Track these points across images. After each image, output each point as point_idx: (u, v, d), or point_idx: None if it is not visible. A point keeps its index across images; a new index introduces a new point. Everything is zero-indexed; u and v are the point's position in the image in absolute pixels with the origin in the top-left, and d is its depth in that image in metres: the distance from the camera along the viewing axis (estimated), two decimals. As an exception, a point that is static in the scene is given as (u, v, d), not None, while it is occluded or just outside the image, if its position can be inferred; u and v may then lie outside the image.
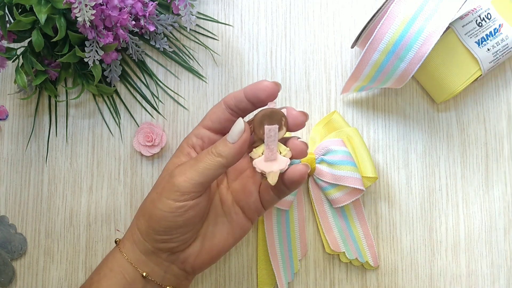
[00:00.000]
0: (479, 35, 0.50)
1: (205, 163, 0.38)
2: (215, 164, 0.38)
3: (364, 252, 0.51)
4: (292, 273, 0.52)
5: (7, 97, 0.55)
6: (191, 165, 0.38)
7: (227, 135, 0.38)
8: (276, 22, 0.55)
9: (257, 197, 0.42)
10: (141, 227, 0.41)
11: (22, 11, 0.47)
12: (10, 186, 0.54)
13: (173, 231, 0.39)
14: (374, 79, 0.48)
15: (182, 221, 0.39)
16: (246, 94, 0.39)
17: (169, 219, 0.38)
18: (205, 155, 0.38)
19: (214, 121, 0.41)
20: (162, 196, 0.39)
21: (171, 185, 0.38)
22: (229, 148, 0.38)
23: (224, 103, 0.40)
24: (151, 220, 0.39)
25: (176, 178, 0.38)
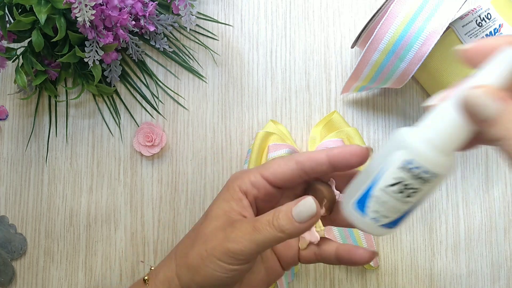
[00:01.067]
0: (479, 35, 0.50)
1: (264, 235, 0.35)
2: (274, 238, 0.35)
3: (364, 252, 0.51)
4: (292, 273, 0.52)
5: (7, 97, 0.55)
6: (249, 233, 0.36)
7: (293, 208, 0.35)
8: (276, 22, 0.55)
9: (296, 251, 0.41)
10: (184, 278, 0.38)
11: (22, 11, 0.47)
12: (10, 186, 0.54)
13: (219, 287, 0.38)
14: (374, 79, 0.48)
15: (230, 281, 0.37)
16: (331, 158, 0.36)
17: (220, 279, 0.37)
18: (265, 227, 0.35)
19: (277, 177, 0.37)
20: (213, 256, 0.36)
21: (225, 250, 0.36)
22: (294, 228, 0.35)
23: (297, 164, 0.37)
24: (197, 275, 0.37)
25: (232, 246, 0.36)
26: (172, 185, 0.53)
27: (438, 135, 0.29)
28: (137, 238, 0.53)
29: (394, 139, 0.30)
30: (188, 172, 0.53)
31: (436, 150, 0.29)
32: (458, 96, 0.28)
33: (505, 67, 0.27)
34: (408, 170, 0.30)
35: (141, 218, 0.53)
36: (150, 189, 0.53)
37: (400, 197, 0.30)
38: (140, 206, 0.53)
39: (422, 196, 0.31)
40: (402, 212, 0.31)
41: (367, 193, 0.31)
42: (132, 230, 0.53)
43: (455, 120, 0.28)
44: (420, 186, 0.30)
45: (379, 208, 0.31)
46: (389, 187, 0.30)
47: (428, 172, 0.29)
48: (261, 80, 0.54)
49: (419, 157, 0.29)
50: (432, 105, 0.29)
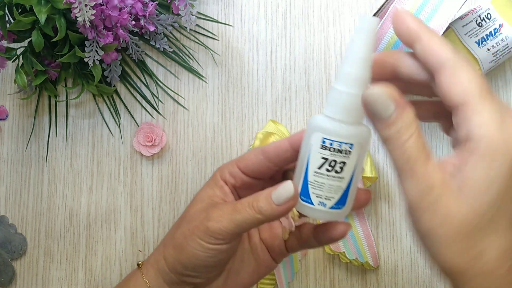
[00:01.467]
0: (479, 35, 0.50)
1: (243, 216, 0.36)
2: (253, 219, 0.36)
3: (364, 252, 0.51)
4: (292, 273, 0.52)
5: (7, 97, 0.55)
6: (228, 213, 0.37)
7: (272, 192, 0.36)
8: (276, 22, 0.55)
9: (282, 240, 0.41)
10: (169, 259, 0.40)
11: (22, 11, 0.47)
12: (10, 186, 0.54)
13: (201, 269, 0.39)
14: (374, 79, 0.48)
15: (212, 261, 0.38)
16: (292, 143, 0.37)
17: (200, 258, 0.38)
18: (245, 208, 0.37)
19: (249, 168, 0.39)
20: (194, 235, 0.38)
21: (205, 228, 0.37)
22: (272, 210, 0.36)
23: (264, 154, 0.38)
24: (181, 255, 0.38)
25: (212, 224, 0.37)
26: (172, 185, 0.53)
27: (337, 111, 0.32)
28: (137, 238, 0.53)
29: (309, 126, 0.34)
30: (188, 172, 0.53)
31: (340, 124, 0.32)
32: (340, 71, 0.32)
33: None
34: (326, 148, 0.33)
35: (141, 218, 0.53)
36: (150, 189, 0.53)
37: (332, 175, 0.33)
38: (140, 206, 0.53)
39: (352, 168, 0.34)
40: (342, 188, 0.34)
41: (305, 182, 0.34)
42: (132, 230, 0.53)
43: (347, 95, 0.32)
44: (344, 159, 0.33)
45: (319, 192, 0.34)
46: (318, 169, 0.33)
47: (341, 144, 0.33)
48: (261, 80, 0.54)
49: (329, 133, 0.33)
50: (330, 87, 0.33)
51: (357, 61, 0.32)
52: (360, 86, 0.32)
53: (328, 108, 0.33)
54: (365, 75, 0.32)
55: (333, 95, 0.33)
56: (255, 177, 0.40)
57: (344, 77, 0.32)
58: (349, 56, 0.32)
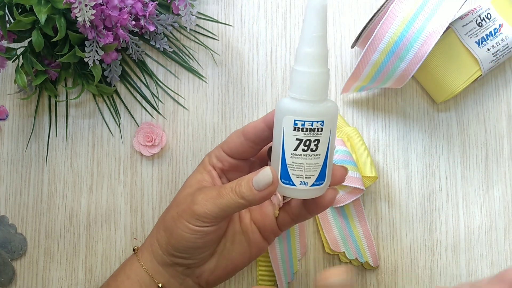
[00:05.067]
0: (479, 35, 0.50)
1: (227, 200, 0.38)
2: (236, 203, 0.38)
3: (364, 252, 0.51)
4: (292, 273, 0.52)
5: (7, 97, 0.55)
6: (213, 198, 0.39)
7: (253, 177, 0.37)
8: (276, 22, 0.55)
9: (273, 219, 0.42)
10: (161, 241, 0.41)
11: (22, 11, 0.47)
12: (10, 186, 0.54)
13: (191, 250, 0.40)
14: (374, 79, 0.48)
15: (201, 243, 0.40)
16: (267, 122, 0.39)
17: (189, 240, 0.39)
18: (228, 192, 0.38)
19: (232, 150, 0.41)
20: (182, 218, 0.39)
21: (191, 211, 0.39)
22: (253, 194, 0.37)
23: (244, 135, 0.40)
24: (171, 237, 0.40)
25: (197, 208, 0.39)
26: (172, 185, 0.53)
27: (303, 91, 0.33)
28: (137, 238, 0.53)
29: (277, 110, 0.34)
30: (188, 172, 0.53)
31: (307, 103, 0.33)
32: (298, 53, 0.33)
33: None
34: (298, 129, 0.34)
35: (141, 218, 0.53)
36: (150, 189, 0.53)
37: (309, 154, 0.34)
38: (140, 206, 0.53)
39: (326, 144, 0.35)
40: (320, 165, 0.35)
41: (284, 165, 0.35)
42: (132, 230, 0.53)
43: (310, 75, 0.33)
44: (317, 137, 0.34)
45: (299, 173, 0.35)
46: (294, 150, 0.34)
47: (313, 123, 0.33)
48: (261, 80, 0.54)
49: (299, 114, 0.33)
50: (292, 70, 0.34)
51: (313, 40, 0.33)
52: (321, 64, 0.33)
53: (294, 89, 0.34)
54: (321, 52, 0.33)
55: (296, 77, 0.33)
56: (241, 158, 0.41)
57: (304, 58, 0.33)
58: (305, 36, 0.33)
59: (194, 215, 0.39)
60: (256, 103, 0.54)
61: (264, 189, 0.37)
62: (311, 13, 0.33)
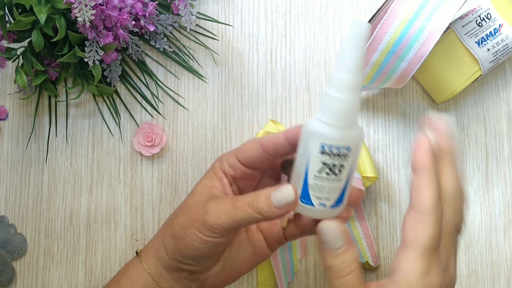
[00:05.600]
0: (479, 35, 0.50)
1: (242, 214, 0.37)
2: (251, 218, 0.37)
3: (364, 252, 0.51)
4: (292, 273, 0.52)
5: (7, 97, 0.55)
6: (227, 209, 0.38)
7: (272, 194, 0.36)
8: (276, 22, 0.55)
9: (281, 229, 0.42)
10: (168, 246, 0.41)
11: (22, 11, 0.47)
12: (10, 186, 0.54)
13: (199, 258, 0.40)
14: (374, 79, 0.48)
15: (209, 252, 0.39)
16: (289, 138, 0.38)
17: (198, 249, 0.39)
18: (244, 206, 0.37)
19: (247, 160, 0.40)
20: (192, 227, 0.38)
21: (203, 221, 0.38)
22: (271, 211, 0.36)
23: (262, 147, 0.39)
24: (179, 244, 0.39)
25: (210, 218, 0.38)
26: (172, 185, 0.53)
27: (333, 116, 0.33)
28: (137, 238, 0.53)
29: (305, 131, 0.35)
30: (188, 172, 0.53)
31: (336, 129, 0.33)
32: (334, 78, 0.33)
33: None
34: (325, 153, 0.34)
35: (141, 218, 0.53)
36: (150, 189, 0.53)
37: (332, 178, 0.34)
38: (140, 206, 0.53)
39: (349, 169, 0.35)
40: (341, 189, 0.35)
41: (305, 186, 0.35)
42: (132, 230, 0.53)
43: (342, 102, 0.33)
44: (342, 162, 0.34)
45: (320, 194, 0.35)
46: (318, 173, 0.34)
47: (339, 148, 0.34)
48: (261, 80, 0.54)
49: (327, 139, 0.34)
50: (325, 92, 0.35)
51: (349, 67, 0.33)
52: (354, 91, 0.33)
53: (324, 113, 0.34)
54: (357, 80, 0.33)
55: (328, 101, 0.34)
56: (254, 167, 0.41)
57: (338, 83, 0.33)
58: (341, 61, 0.33)
59: (206, 225, 0.38)
60: (256, 103, 0.54)
61: (283, 207, 0.36)
62: (350, 39, 0.32)
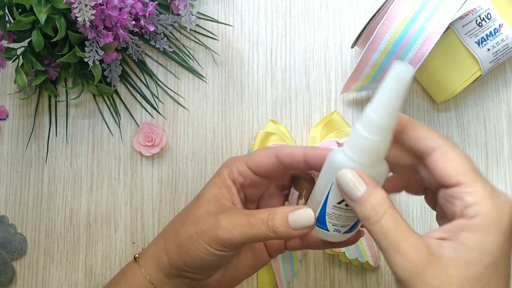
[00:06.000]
0: (479, 35, 0.50)
1: (256, 231, 0.37)
2: (264, 236, 0.37)
3: (364, 252, 0.51)
4: (292, 273, 0.52)
5: (7, 97, 0.55)
6: (240, 226, 0.37)
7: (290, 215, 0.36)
8: (276, 22, 0.55)
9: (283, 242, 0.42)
10: (172, 255, 0.40)
11: (22, 11, 0.47)
12: (10, 186, 0.54)
13: (205, 269, 0.39)
14: (374, 79, 0.48)
15: (216, 264, 0.39)
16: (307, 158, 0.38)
17: (205, 261, 0.38)
18: (259, 224, 0.37)
19: (260, 169, 0.39)
20: (202, 239, 0.38)
21: (214, 235, 0.37)
22: (287, 231, 0.36)
23: (277, 158, 0.39)
24: (185, 255, 0.39)
25: (222, 234, 0.37)
26: (172, 185, 0.53)
27: (359, 155, 0.33)
28: (137, 238, 0.53)
29: (331, 162, 0.35)
30: (188, 172, 0.53)
31: (363, 166, 0.33)
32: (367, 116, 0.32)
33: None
34: None
35: (141, 218, 0.53)
36: (150, 189, 0.53)
37: (350, 209, 0.34)
38: (140, 206, 0.53)
39: None
40: (356, 218, 0.36)
41: (323, 213, 0.36)
42: (132, 230, 0.53)
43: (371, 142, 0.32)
44: None
45: (336, 222, 0.36)
46: (338, 204, 0.35)
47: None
48: (261, 80, 0.54)
49: None
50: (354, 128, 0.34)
51: (385, 110, 0.32)
52: (385, 134, 0.32)
53: (352, 150, 0.33)
54: (390, 124, 0.32)
55: (357, 139, 0.33)
56: (265, 176, 0.40)
57: (370, 124, 0.32)
58: (377, 102, 0.32)
59: (217, 239, 0.37)
60: (256, 103, 0.54)
61: (300, 229, 0.36)
62: (392, 82, 0.31)
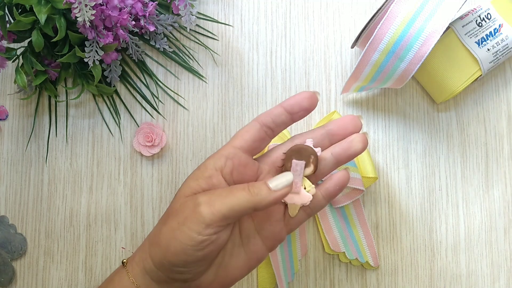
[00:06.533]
0: (479, 35, 0.50)
1: (238, 198, 0.36)
2: (247, 202, 0.36)
3: (364, 252, 0.51)
4: (292, 273, 0.52)
5: (7, 97, 0.55)
6: (221, 196, 0.37)
7: (269, 180, 0.37)
8: (276, 22, 0.55)
9: (283, 226, 0.41)
10: (155, 257, 0.39)
11: (22, 11, 0.47)
12: (10, 186, 0.54)
13: (190, 264, 0.38)
14: (374, 79, 0.48)
15: (201, 256, 0.37)
16: (286, 106, 0.39)
17: (189, 253, 0.37)
18: (240, 191, 0.37)
19: (247, 140, 0.39)
20: (184, 226, 0.37)
21: (196, 214, 0.36)
22: (268, 193, 0.36)
23: (259, 122, 0.39)
24: (168, 252, 0.38)
25: (203, 208, 0.36)
26: (172, 185, 0.53)
27: None
28: (137, 238, 0.53)
29: None
30: (188, 172, 0.53)
31: None
32: None
33: None
34: None
35: (141, 218, 0.53)
36: (150, 189, 0.53)
37: None
38: (140, 206, 0.53)
39: None
40: None
41: None
42: (132, 230, 0.53)
43: None
44: None
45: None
46: None
47: None
48: (261, 80, 0.54)
49: None
50: None
51: None
52: None
53: None
54: None
55: None
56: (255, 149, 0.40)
57: None
58: None
59: (200, 217, 0.36)
60: (256, 103, 0.54)
61: (280, 188, 0.36)
62: None
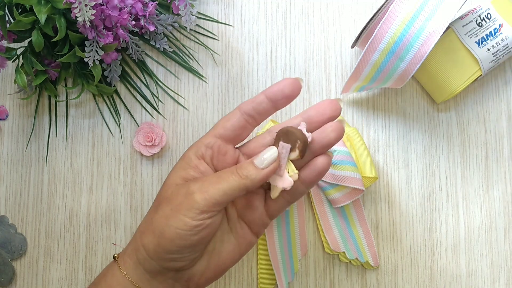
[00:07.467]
0: (479, 35, 0.50)
1: (229, 183, 0.37)
2: (239, 185, 0.37)
3: (364, 252, 0.51)
4: (292, 273, 0.52)
5: (7, 97, 0.55)
6: (213, 182, 0.37)
7: (254, 159, 0.38)
8: (276, 22, 0.55)
9: (263, 211, 0.41)
10: (149, 245, 0.39)
11: (22, 11, 0.47)
12: (10, 186, 0.54)
13: (185, 250, 0.38)
14: (374, 79, 0.48)
15: (196, 240, 0.38)
16: (268, 93, 0.39)
17: (184, 238, 0.37)
18: (229, 175, 0.37)
19: (227, 128, 0.40)
20: (178, 213, 0.37)
21: (190, 201, 0.37)
22: (257, 172, 0.37)
23: (240, 110, 0.40)
24: (162, 238, 0.38)
25: (197, 195, 0.37)
26: (172, 185, 0.53)
27: None
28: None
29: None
30: (188, 172, 0.53)
31: None
32: None
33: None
34: None
35: (141, 218, 0.53)
36: (150, 189, 0.53)
37: None
38: (140, 206, 0.53)
39: None
40: None
41: None
42: (132, 230, 0.53)
43: None
44: None
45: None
46: None
47: None
48: (261, 80, 0.54)
49: None
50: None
51: None
52: None
53: None
54: None
55: None
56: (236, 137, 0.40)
57: None
58: None
59: (194, 204, 0.37)
60: (256, 103, 0.54)
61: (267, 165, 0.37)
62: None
